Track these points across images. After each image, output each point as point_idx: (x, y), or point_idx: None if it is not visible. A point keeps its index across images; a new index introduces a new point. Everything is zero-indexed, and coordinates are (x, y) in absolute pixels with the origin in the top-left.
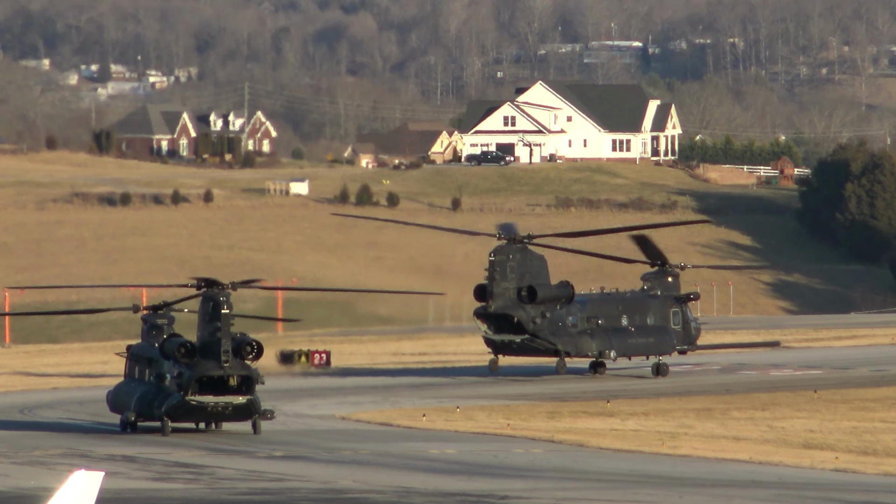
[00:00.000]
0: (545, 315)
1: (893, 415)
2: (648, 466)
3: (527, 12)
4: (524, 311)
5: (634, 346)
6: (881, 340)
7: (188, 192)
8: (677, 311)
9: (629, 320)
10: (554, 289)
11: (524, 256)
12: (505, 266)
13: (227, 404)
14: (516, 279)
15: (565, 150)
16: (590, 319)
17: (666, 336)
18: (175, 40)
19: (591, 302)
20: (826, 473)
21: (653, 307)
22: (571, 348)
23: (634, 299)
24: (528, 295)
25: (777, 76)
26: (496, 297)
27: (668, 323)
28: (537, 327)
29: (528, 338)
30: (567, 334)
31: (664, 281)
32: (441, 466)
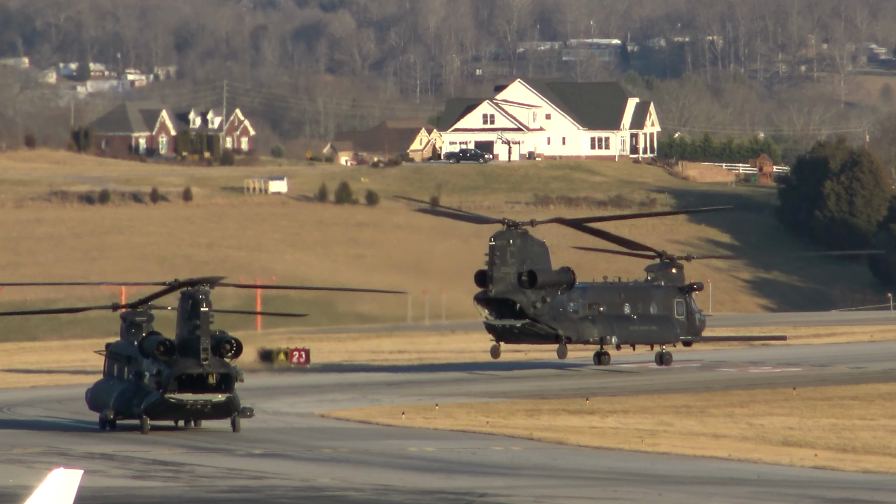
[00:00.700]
0: (546, 300)
1: (872, 412)
2: (628, 464)
3: (506, 10)
4: (524, 296)
5: (637, 334)
6: (860, 338)
7: (167, 190)
8: (681, 301)
9: (632, 309)
10: (555, 274)
11: (525, 242)
12: (505, 251)
13: (207, 402)
14: (517, 264)
15: (544, 148)
16: (591, 306)
17: (669, 325)
18: (154, 38)
19: (592, 289)
20: (805, 471)
21: (656, 297)
22: (573, 333)
23: (637, 288)
24: (528, 279)
25: (756, 74)
26: (496, 282)
27: (671, 313)
28: (538, 312)
29: (529, 322)
30: (568, 320)
31: (668, 272)
32: (420, 464)
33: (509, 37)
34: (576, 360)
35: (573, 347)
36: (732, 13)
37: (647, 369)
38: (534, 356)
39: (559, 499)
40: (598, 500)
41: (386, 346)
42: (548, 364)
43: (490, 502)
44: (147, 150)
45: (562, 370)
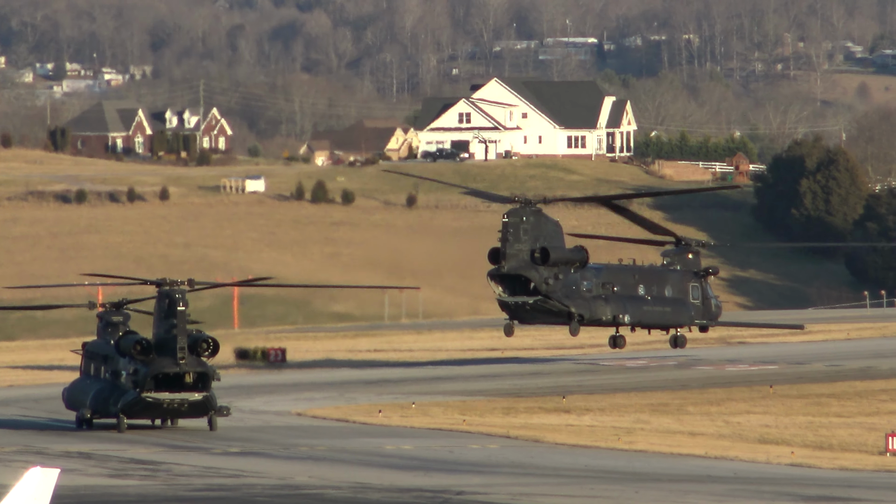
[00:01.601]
0: (558, 277)
1: (849, 409)
2: (604, 462)
3: (482, 9)
4: (537, 273)
5: (650, 314)
6: (836, 336)
7: (144, 189)
8: (696, 285)
9: (646, 290)
10: (568, 252)
11: (538, 220)
12: (518, 228)
13: (183, 401)
14: (530, 241)
15: (521, 147)
16: (605, 285)
17: (683, 308)
18: (130, 38)
19: (607, 269)
20: (782, 468)
21: (671, 279)
22: (585, 311)
23: (652, 271)
24: (541, 256)
25: (732, 72)
26: (509, 258)
27: (686, 296)
28: (550, 288)
29: (541, 299)
30: (581, 298)
31: (684, 257)
32: (397, 462)
33: (485, 36)
34: (558, 356)
35: (578, 342)
36: (708, 12)
37: (625, 367)
38: (511, 354)
39: (536, 496)
40: (574, 498)
41: (363, 345)
42: (525, 360)
43: (467, 500)
44: (123, 149)
45: (539, 365)
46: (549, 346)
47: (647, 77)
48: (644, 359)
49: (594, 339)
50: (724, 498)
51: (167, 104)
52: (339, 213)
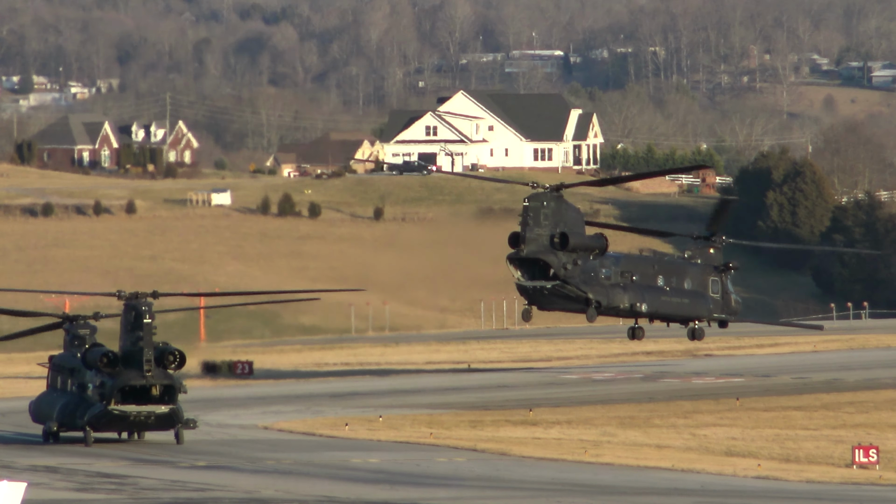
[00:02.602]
0: (577, 263)
1: (815, 422)
2: (571, 475)
3: (448, 22)
4: (556, 257)
5: (668, 304)
6: (803, 348)
7: (110, 203)
8: (716, 280)
9: (665, 281)
10: (587, 238)
11: (559, 205)
12: (539, 213)
13: (150, 413)
14: (550, 226)
15: (487, 160)
16: (624, 274)
17: (702, 300)
18: (96, 51)
19: (626, 258)
20: (748, 481)
21: (691, 272)
22: (603, 298)
23: (672, 262)
24: (560, 241)
25: (698, 85)
26: (528, 242)
27: (705, 290)
28: (568, 274)
29: (559, 284)
30: (599, 284)
31: (706, 252)
32: (364, 475)
33: (452, 48)
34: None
35: (546, 355)
36: (675, 24)
37: (591, 380)
38: (478, 367)
39: None
40: None
41: (329, 358)
42: (493, 368)
43: None
44: (90, 162)
45: (506, 377)
46: (515, 358)
47: (613, 90)
48: (611, 371)
49: (561, 351)
50: None
51: (133, 117)
52: (306, 227)
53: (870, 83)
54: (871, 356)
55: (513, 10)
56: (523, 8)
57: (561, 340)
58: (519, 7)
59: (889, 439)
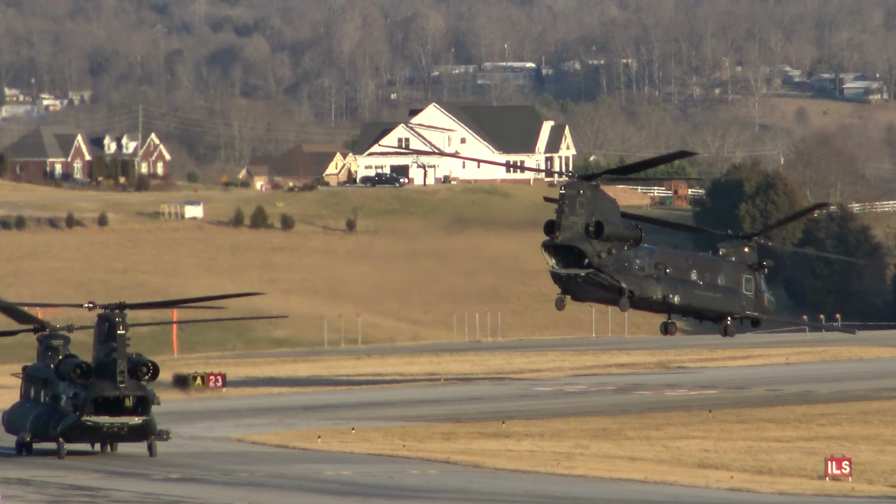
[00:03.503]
0: (611, 252)
1: (788, 434)
2: (544, 487)
3: (420, 34)
4: (590, 245)
5: (700, 298)
6: (776, 360)
7: (83, 215)
8: (750, 277)
9: (698, 276)
10: (622, 228)
11: (595, 195)
12: (574, 201)
13: (123, 425)
14: (585, 215)
15: (459, 172)
16: (657, 266)
17: (735, 297)
18: (68, 63)
19: (660, 250)
20: (721, 493)
21: (724, 268)
22: (636, 288)
23: (706, 258)
24: (595, 230)
25: (670, 96)
26: (563, 230)
27: (739, 287)
28: (602, 262)
29: (593, 272)
30: (633, 275)
31: (740, 249)
32: (337, 488)
33: (424, 60)
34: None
35: (519, 367)
36: (647, 36)
37: (564, 392)
38: (450, 379)
39: None
40: None
41: (302, 370)
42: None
43: None
44: (62, 175)
45: (479, 389)
46: (488, 371)
47: (585, 101)
48: (583, 384)
49: (534, 364)
50: None
51: (106, 129)
52: (279, 239)
53: (841, 95)
54: (843, 368)
55: (485, 22)
56: (495, 20)
57: (533, 353)
58: (491, 19)
59: (861, 451)
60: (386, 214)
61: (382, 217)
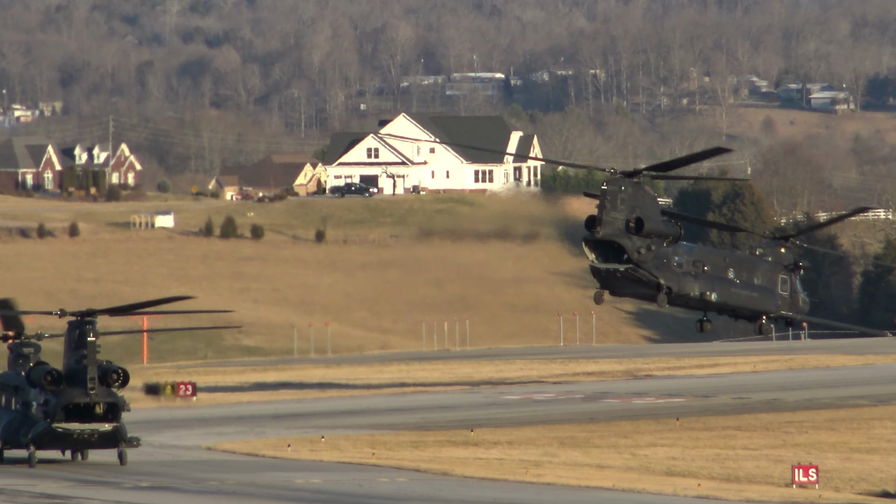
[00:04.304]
0: (651, 248)
1: (755, 442)
2: (513, 494)
3: (389, 45)
4: (630, 241)
5: (737, 296)
6: (743, 368)
7: (53, 225)
8: (786, 278)
9: (735, 274)
10: (662, 225)
11: (636, 191)
12: (616, 197)
13: (94, 431)
14: (626, 211)
15: (428, 182)
16: (696, 263)
17: (770, 296)
18: (39, 74)
19: (699, 248)
20: (689, 500)
21: (761, 268)
22: (674, 284)
23: (743, 257)
24: (635, 226)
25: (638, 107)
26: (604, 225)
27: (774, 286)
28: (642, 258)
29: (632, 267)
30: (671, 271)
31: (777, 250)
32: (307, 496)
33: (393, 71)
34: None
35: (487, 376)
36: (615, 47)
37: (532, 400)
38: (419, 388)
39: None
40: None
41: (272, 378)
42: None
43: None
44: (33, 185)
45: (447, 398)
46: (456, 379)
47: (553, 112)
48: (552, 392)
49: (502, 372)
50: None
51: (76, 140)
52: (249, 249)
53: (808, 105)
54: (810, 376)
55: (454, 33)
56: (464, 31)
57: (501, 361)
58: (460, 30)
59: (828, 459)
60: (355, 224)
61: (352, 227)
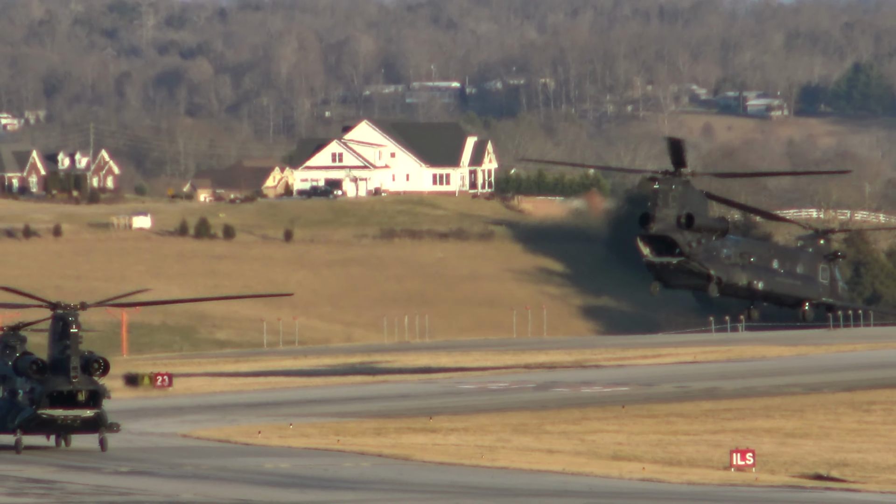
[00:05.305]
0: (701, 242)
1: (695, 427)
2: (469, 478)
3: (352, 56)
4: (681, 235)
5: (781, 285)
6: (684, 358)
7: (38, 226)
8: (826, 267)
9: (779, 264)
10: (711, 220)
11: (686, 189)
12: (667, 195)
13: (76, 417)
14: (677, 208)
15: (389, 184)
16: (743, 255)
17: (812, 284)
18: (25, 85)
19: (746, 241)
20: (634, 483)
21: (802, 258)
22: (723, 275)
23: (786, 249)
24: (686, 221)
25: (586, 113)
26: (657, 222)
27: (815, 275)
28: (693, 251)
29: (684, 260)
30: (720, 263)
31: (816, 241)
32: (276, 479)
33: (356, 80)
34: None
35: (444, 364)
36: (563, 57)
37: (487, 390)
38: (381, 378)
39: None
40: None
41: (243, 370)
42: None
43: None
44: (19, 188)
45: (407, 388)
46: (417, 368)
47: (506, 118)
48: (505, 381)
49: (459, 363)
50: None
51: (60, 146)
52: (221, 248)
53: (745, 112)
54: (747, 366)
55: (413, 44)
56: (422, 43)
57: (458, 353)
58: (418, 42)
59: (764, 443)
60: (321, 224)
61: (318, 227)
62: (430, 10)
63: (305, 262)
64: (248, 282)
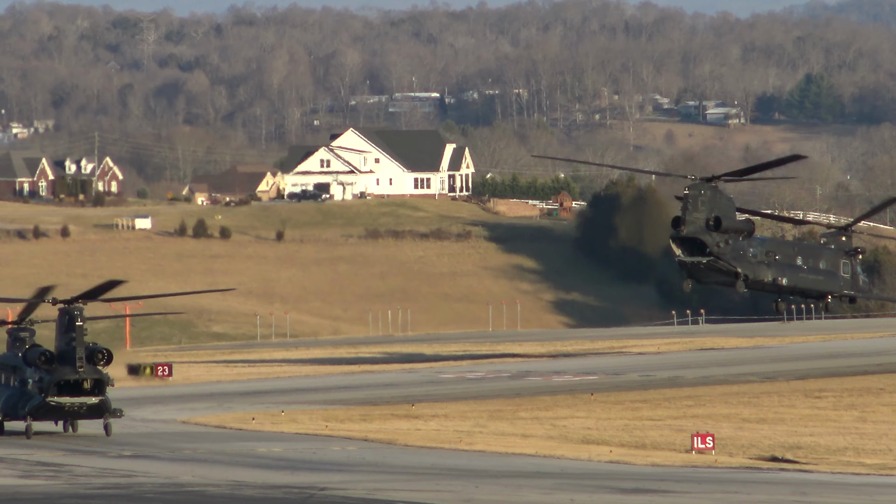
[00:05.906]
0: (728, 242)
1: (659, 413)
2: (449, 461)
3: (339, 68)
4: (710, 237)
5: (805, 280)
6: (648, 349)
7: (47, 227)
8: (847, 262)
9: (803, 261)
10: (737, 222)
11: (714, 194)
12: (697, 199)
13: (82, 404)
14: (706, 211)
15: (374, 188)
16: (768, 253)
17: (834, 278)
18: (34, 96)
19: (771, 241)
20: (602, 465)
21: (825, 254)
22: (750, 273)
23: (809, 246)
24: (714, 223)
25: (556, 122)
26: (688, 224)
27: (837, 270)
28: (721, 251)
29: (713, 259)
30: (747, 261)
31: (838, 238)
32: (268, 462)
33: (343, 91)
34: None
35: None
36: (536, 69)
37: (465, 379)
38: (371, 367)
39: (389, 491)
40: (423, 493)
41: (238, 359)
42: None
43: (329, 495)
44: (30, 192)
45: (392, 377)
46: (400, 359)
47: (483, 126)
48: (482, 371)
49: (439, 354)
50: (552, 491)
51: (67, 153)
52: (218, 247)
53: (704, 119)
54: (707, 356)
55: (395, 58)
56: (405, 56)
57: (439, 344)
58: (401, 55)
59: (723, 428)
60: (310, 225)
61: (307, 228)
62: (411, 25)
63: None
64: (242, 279)
